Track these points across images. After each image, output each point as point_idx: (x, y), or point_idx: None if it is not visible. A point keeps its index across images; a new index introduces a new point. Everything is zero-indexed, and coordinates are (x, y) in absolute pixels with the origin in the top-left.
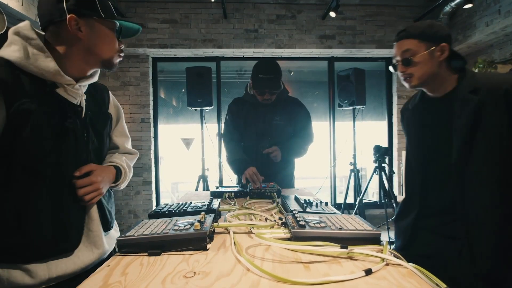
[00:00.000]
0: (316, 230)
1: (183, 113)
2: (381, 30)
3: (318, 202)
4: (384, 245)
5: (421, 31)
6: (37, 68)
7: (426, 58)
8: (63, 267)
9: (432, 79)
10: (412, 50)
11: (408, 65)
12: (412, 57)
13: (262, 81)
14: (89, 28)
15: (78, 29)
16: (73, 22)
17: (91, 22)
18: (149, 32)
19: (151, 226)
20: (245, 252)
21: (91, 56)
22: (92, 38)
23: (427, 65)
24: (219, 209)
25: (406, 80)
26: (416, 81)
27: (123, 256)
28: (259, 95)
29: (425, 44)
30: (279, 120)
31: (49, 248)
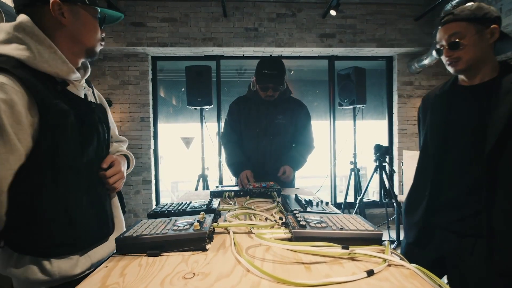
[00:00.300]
0: (317, 230)
1: (183, 112)
2: (381, 28)
3: (319, 201)
4: (386, 245)
5: (471, 13)
6: (50, 67)
7: (475, 41)
8: (101, 253)
9: (478, 63)
10: (460, 32)
11: (456, 49)
12: (461, 40)
13: (266, 76)
14: (73, 14)
15: (61, 14)
16: (56, 7)
17: (75, 8)
18: (148, 31)
19: (150, 226)
20: (245, 253)
21: (76, 44)
22: (76, 25)
23: (476, 47)
24: (218, 208)
25: (452, 64)
26: (463, 65)
27: (122, 256)
28: (262, 91)
29: (474, 26)
30: (281, 119)
31: (93, 238)
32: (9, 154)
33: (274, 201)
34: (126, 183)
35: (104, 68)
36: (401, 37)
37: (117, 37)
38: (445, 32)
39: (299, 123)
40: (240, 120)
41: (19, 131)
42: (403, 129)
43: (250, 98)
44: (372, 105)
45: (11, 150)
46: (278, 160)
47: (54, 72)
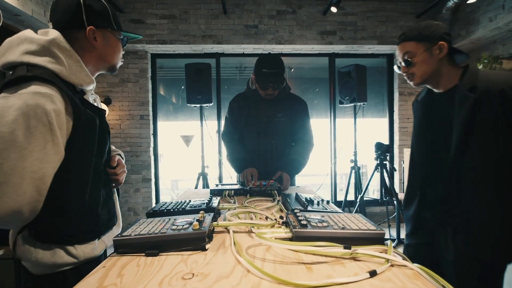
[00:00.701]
0: (318, 229)
1: (182, 110)
2: (382, 25)
3: (320, 200)
4: (389, 245)
5: (418, 32)
6: (77, 79)
7: (425, 58)
8: (110, 238)
9: (433, 76)
10: (411, 52)
11: (410, 66)
12: (412, 59)
13: (265, 75)
14: (103, 38)
15: (94, 38)
16: (91, 33)
17: (105, 33)
18: (147, 28)
19: (148, 226)
20: (245, 253)
21: (102, 62)
22: (104, 47)
23: (426, 64)
24: (218, 207)
25: (409, 79)
26: (418, 79)
27: (120, 256)
28: (262, 90)
29: (423, 45)
30: (281, 117)
31: (107, 226)
32: (56, 155)
33: (274, 200)
34: (126, 181)
35: None
36: None
37: None
38: (400, 50)
39: (298, 119)
40: (241, 118)
41: (62, 136)
42: (404, 127)
43: (249, 96)
44: (372, 103)
45: (58, 151)
46: (280, 158)
47: (79, 83)
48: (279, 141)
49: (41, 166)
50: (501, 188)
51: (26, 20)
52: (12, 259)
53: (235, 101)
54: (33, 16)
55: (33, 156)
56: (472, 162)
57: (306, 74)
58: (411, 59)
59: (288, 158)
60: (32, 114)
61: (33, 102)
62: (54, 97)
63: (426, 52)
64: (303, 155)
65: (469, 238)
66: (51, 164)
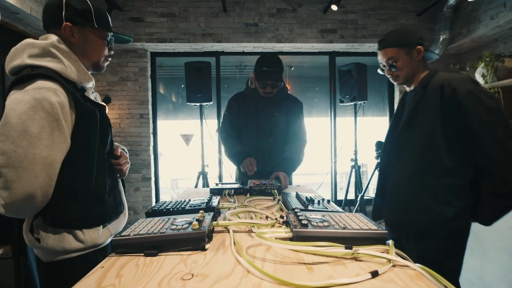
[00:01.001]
0: (319, 229)
1: (182, 108)
2: (383, 24)
3: (320, 199)
4: (390, 245)
5: (399, 39)
6: (77, 77)
7: (407, 61)
8: (117, 226)
9: (413, 75)
10: (394, 57)
11: (394, 69)
12: (396, 63)
13: (265, 73)
14: (81, 35)
15: (72, 35)
16: (67, 29)
17: (84, 30)
18: (147, 26)
19: (147, 225)
20: (245, 253)
21: (84, 59)
22: (83, 44)
23: (408, 66)
24: (218, 206)
25: (394, 80)
26: (401, 80)
27: (119, 256)
28: (261, 88)
29: (404, 50)
30: (278, 116)
31: (113, 213)
32: (62, 143)
33: (274, 199)
34: (126, 180)
35: None
36: None
37: None
38: (383, 55)
39: (293, 118)
40: (240, 116)
41: (68, 126)
42: None
43: (248, 95)
44: (373, 101)
45: (64, 140)
46: (277, 157)
47: (79, 80)
48: (277, 139)
49: (50, 153)
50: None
51: (24, 18)
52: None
53: (234, 100)
54: (32, 14)
55: (42, 144)
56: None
57: (306, 72)
58: (395, 63)
59: (283, 156)
60: (39, 106)
61: (40, 96)
62: (58, 91)
63: (408, 56)
64: (297, 152)
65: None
66: (59, 152)
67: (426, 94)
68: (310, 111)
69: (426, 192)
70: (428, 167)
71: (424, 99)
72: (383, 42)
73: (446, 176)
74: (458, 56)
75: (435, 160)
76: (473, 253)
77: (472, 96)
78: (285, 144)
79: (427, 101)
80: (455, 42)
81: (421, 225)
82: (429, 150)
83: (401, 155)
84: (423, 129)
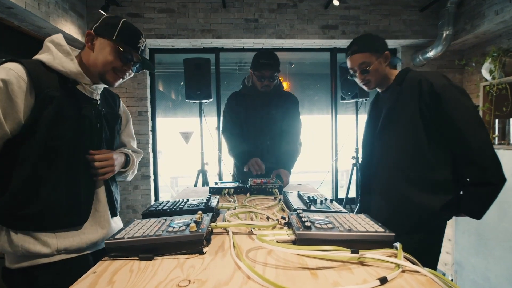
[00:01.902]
0: (323, 232)
1: (182, 106)
2: (385, 19)
3: (323, 199)
4: (398, 248)
5: (370, 45)
6: (63, 67)
7: (377, 65)
8: (70, 240)
9: (383, 80)
10: (366, 62)
11: (366, 74)
12: (368, 68)
13: (263, 65)
14: (100, 46)
15: (91, 42)
16: (89, 37)
17: (104, 42)
18: (145, 22)
19: (143, 227)
20: (246, 256)
21: (94, 66)
22: (97, 53)
23: (379, 70)
24: (217, 207)
25: (365, 85)
26: (373, 84)
27: (112, 260)
28: (259, 81)
29: (374, 55)
30: (275, 113)
31: (60, 220)
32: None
33: (275, 199)
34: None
35: None
36: (405, 29)
37: None
38: (354, 61)
39: (288, 114)
40: (239, 114)
41: (8, 107)
42: None
43: (245, 93)
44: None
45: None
46: (276, 154)
47: (65, 71)
48: (275, 137)
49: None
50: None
51: (19, 13)
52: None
53: (232, 98)
54: (27, 9)
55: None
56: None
57: (307, 69)
58: (368, 68)
59: (280, 152)
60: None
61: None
62: (11, 71)
63: (377, 61)
64: (292, 143)
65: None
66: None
67: (403, 89)
68: (311, 109)
69: (412, 187)
70: (411, 161)
71: (402, 95)
72: (353, 47)
73: (429, 169)
74: (461, 53)
75: (418, 154)
76: (478, 254)
77: (448, 89)
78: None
79: (405, 96)
80: (458, 38)
81: (409, 219)
82: (411, 144)
83: (384, 152)
84: (403, 123)
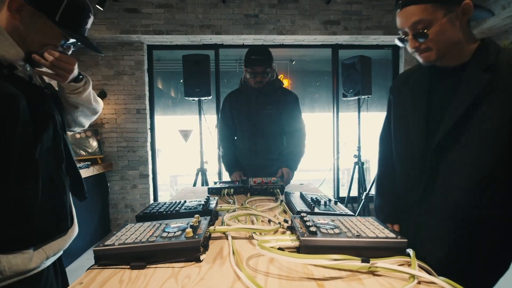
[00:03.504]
0: (329, 238)
1: (181, 104)
2: (388, 15)
3: (326, 200)
4: (412, 256)
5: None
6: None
7: (445, 26)
8: (57, 246)
9: (453, 48)
10: (426, 20)
11: (423, 38)
12: (428, 29)
13: (253, 61)
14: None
15: (15, 10)
16: (14, 2)
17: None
18: (143, 18)
19: (136, 232)
20: (246, 265)
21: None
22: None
23: (447, 33)
24: (216, 209)
25: (421, 55)
26: (434, 56)
27: (101, 269)
28: (251, 78)
29: (441, 8)
30: (270, 109)
31: (50, 233)
32: None
33: (277, 200)
34: (123, 177)
35: (97, 57)
36: None
37: (111, 24)
38: (406, 18)
39: (287, 111)
40: (232, 114)
41: None
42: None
43: (241, 90)
44: (375, 96)
45: None
46: (271, 152)
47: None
48: (269, 134)
49: None
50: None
51: None
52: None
53: (227, 98)
54: None
55: None
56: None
57: (308, 67)
58: (427, 30)
59: (284, 152)
60: None
61: None
62: None
63: (447, 18)
64: (298, 145)
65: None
66: None
67: (499, 84)
68: (312, 106)
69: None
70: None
71: (494, 91)
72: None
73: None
74: None
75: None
76: None
77: None
78: (278, 137)
79: (499, 95)
80: None
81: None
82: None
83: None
84: (491, 132)
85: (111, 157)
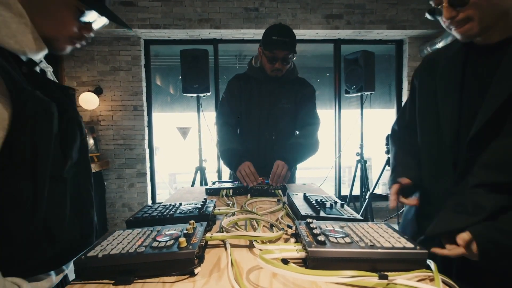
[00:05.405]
0: (340, 248)
1: (179, 100)
2: (392, 8)
3: (332, 202)
4: (434, 270)
5: None
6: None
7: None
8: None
9: (500, 20)
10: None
11: (462, 6)
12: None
13: (275, 42)
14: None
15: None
16: None
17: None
18: (139, 11)
19: (123, 241)
20: (246, 279)
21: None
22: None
23: (491, 1)
24: (213, 212)
25: (458, 27)
26: (477, 28)
27: (82, 285)
28: (269, 63)
29: None
30: (286, 103)
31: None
32: None
33: (279, 201)
34: (120, 176)
35: (93, 52)
36: (413, 18)
37: None
38: None
39: (304, 106)
40: (241, 101)
41: None
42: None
43: (251, 76)
44: (378, 93)
45: None
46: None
47: (21, 50)
48: (282, 130)
49: None
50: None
51: None
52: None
53: (236, 80)
54: None
55: None
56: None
57: (309, 63)
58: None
59: (289, 143)
60: None
61: None
62: None
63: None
64: (308, 137)
65: None
66: None
67: None
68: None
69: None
70: None
71: None
72: None
73: None
74: None
75: None
76: None
77: None
78: (292, 136)
79: None
80: None
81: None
82: None
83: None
84: None
85: (108, 155)
